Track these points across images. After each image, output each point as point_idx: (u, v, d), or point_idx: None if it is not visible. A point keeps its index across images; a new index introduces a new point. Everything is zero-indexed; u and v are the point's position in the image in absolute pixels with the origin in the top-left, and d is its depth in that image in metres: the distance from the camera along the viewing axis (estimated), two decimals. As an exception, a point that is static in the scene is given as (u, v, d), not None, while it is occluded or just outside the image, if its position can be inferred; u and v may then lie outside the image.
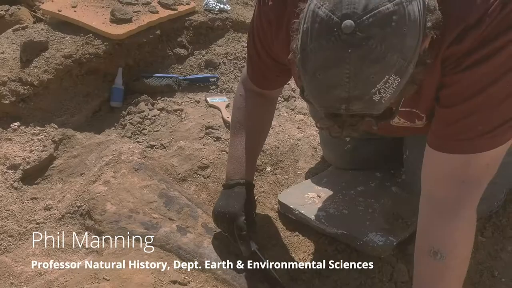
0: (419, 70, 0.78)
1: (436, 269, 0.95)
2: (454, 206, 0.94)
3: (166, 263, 1.25)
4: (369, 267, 1.26)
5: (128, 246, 1.28)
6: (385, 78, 0.73)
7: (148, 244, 1.29)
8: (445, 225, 0.95)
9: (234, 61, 1.96)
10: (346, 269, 1.27)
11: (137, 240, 1.30)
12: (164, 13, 1.93)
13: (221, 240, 1.31)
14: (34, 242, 1.30)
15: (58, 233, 1.35)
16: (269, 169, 1.60)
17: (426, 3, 0.76)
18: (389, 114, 0.85)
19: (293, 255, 1.33)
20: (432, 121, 0.97)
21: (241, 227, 1.21)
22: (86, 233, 1.35)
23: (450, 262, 0.94)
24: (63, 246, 1.31)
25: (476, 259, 1.25)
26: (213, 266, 1.25)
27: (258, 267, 1.23)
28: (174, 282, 1.20)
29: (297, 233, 1.39)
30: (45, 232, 1.34)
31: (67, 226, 1.37)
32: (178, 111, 1.73)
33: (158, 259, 1.26)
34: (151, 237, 1.30)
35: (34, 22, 1.97)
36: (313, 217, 1.36)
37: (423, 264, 0.98)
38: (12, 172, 1.49)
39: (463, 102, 0.88)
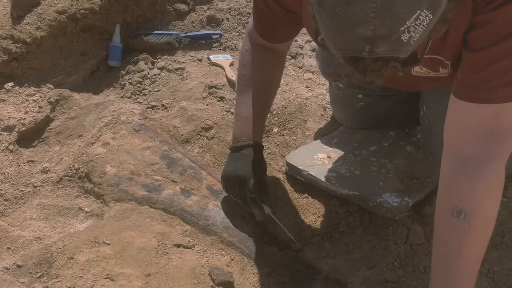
0: (452, 7, 0.69)
1: (459, 230, 0.88)
2: (481, 162, 0.86)
3: (169, 226, 1.19)
4: (383, 229, 1.19)
5: (130, 209, 1.21)
6: (416, 14, 0.63)
7: (150, 207, 1.22)
8: (471, 182, 0.87)
9: (238, 17, 1.84)
10: (358, 231, 1.21)
11: (138, 203, 1.23)
12: (163, -35, 1.80)
13: (227, 202, 1.24)
14: (32, 206, 1.24)
15: (56, 196, 1.28)
16: (276, 130, 1.51)
17: None
18: (415, 59, 0.75)
19: (302, 218, 1.26)
20: (458, 68, 0.87)
21: (253, 191, 1.14)
22: (85, 196, 1.28)
23: (475, 222, 0.87)
24: (61, 210, 1.24)
25: (498, 220, 1.17)
26: (219, 229, 1.18)
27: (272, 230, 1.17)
28: (178, 245, 1.14)
29: (306, 195, 1.32)
30: (43, 195, 1.27)
31: (66, 190, 1.30)
32: (180, 70, 1.63)
33: (161, 222, 1.19)
34: (154, 199, 1.23)
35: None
36: (323, 178, 1.28)
37: (445, 225, 0.91)
38: (7, 134, 1.41)
39: (495, 44, 0.79)
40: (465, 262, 0.89)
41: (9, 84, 1.53)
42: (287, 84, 1.64)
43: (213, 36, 1.78)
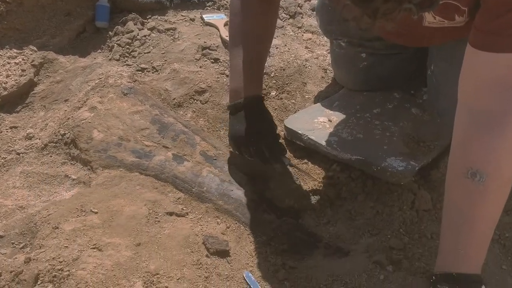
0: None
1: (473, 193, 0.80)
2: (499, 118, 0.78)
3: (161, 193, 1.11)
4: (387, 195, 1.12)
5: (118, 176, 1.14)
6: None
7: (140, 174, 1.14)
8: (487, 141, 0.79)
9: (233, -26, 1.72)
10: (361, 197, 1.14)
11: (128, 169, 1.15)
12: None
13: (221, 168, 1.17)
14: (15, 173, 1.16)
15: (40, 164, 1.20)
16: (274, 94, 1.42)
17: None
18: (430, 2, 0.66)
19: (301, 184, 1.18)
20: (476, 15, 0.78)
21: (272, 147, 1.08)
22: (72, 163, 1.20)
23: (491, 184, 0.79)
24: (46, 178, 1.17)
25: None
26: (214, 196, 1.11)
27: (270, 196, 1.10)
28: (171, 213, 1.07)
29: (305, 160, 1.24)
30: (27, 163, 1.19)
31: (51, 156, 1.22)
32: (171, 31, 1.53)
33: (152, 190, 1.12)
34: (144, 166, 1.15)
35: None
36: (324, 143, 1.21)
37: (458, 188, 0.83)
38: (-13, 99, 1.32)
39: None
40: (479, 227, 0.82)
41: (-11, 46, 1.44)
42: (285, 45, 1.54)
43: (206, -5, 1.67)
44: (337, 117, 1.29)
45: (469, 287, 0.83)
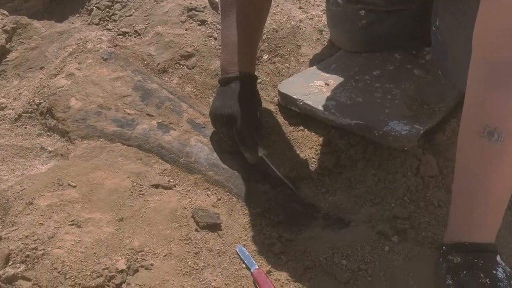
0: None
1: (490, 153, 0.72)
2: (519, 70, 0.68)
3: (145, 165, 1.02)
4: (390, 161, 1.04)
5: (99, 147, 1.04)
6: None
7: (123, 144, 1.05)
8: (506, 95, 0.70)
9: None
10: (361, 164, 1.05)
11: (109, 139, 1.05)
12: None
13: (212, 136, 1.07)
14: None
15: (14, 135, 1.10)
16: (266, 57, 1.32)
17: None
18: None
19: (298, 152, 1.10)
20: None
21: (241, 132, 0.99)
22: (48, 134, 1.10)
23: (510, 144, 0.70)
24: (21, 151, 1.07)
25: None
26: (203, 167, 1.02)
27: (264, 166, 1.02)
28: (157, 186, 0.98)
29: (301, 127, 1.15)
30: (-1, 135, 1.09)
31: (25, 128, 1.12)
32: (154, -8, 1.40)
33: (136, 161, 1.02)
34: (126, 136, 1.05)
35: None
36: (320, 108, 1.11)
37: (472, 149, 0.75)
38: (-45, 68, 1.21)
39: None
40: (495, 191, 0.74)
41: (-45, 10, 1.31)
42: (277, 5, 1.42)
43: (191, -47, 1.54)
44: (335, 80, 1.20)
45: (484, 257, 0.75)
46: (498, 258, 0.76)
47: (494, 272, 0.74)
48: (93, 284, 0.77)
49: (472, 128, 0.74)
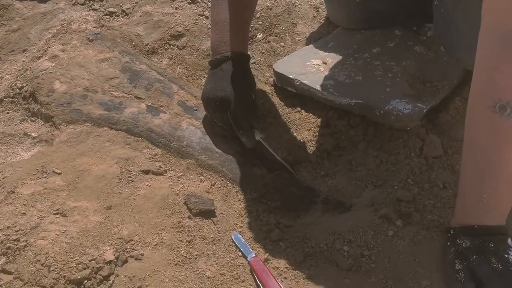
0: None
1: (503, 129, 0.67)
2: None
3: (134, 150, 0.96)
4: (392, 142, 0.98)
5: (85, 132, 0.98)
6: None
7: (110, 129, 0.99)
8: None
9: None
10: (362, 146, 1.00)
11: (96, 124, 1.00)
12: None
13: (204, 119, 1.02)
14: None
15: (-5, 121, 1.04)
16: (260, 36, 1.25)
17: None
18: None
19: (295, 135, 1.04)
20: None
21: (236, 115, 0.93)
22: (32, 119, 1.04)
23: (524, 118, 0.65)
24: (3, 137, 1.01)
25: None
26: (196, 151, 0.97)
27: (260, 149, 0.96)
28: (147, 172, 0.92)
29: (298, 108, 1.09)
30: (-21, 121, 1.03)
31: (8, 113, 1.06)
32: (142, -31, 1.33)
33: (124, 146, 0.97)
34: (114, 119, 0.99)
35: None
36: (318, 87, 1.06)
37: (483, 124, 0.69)
38: None
39: None
40: (507, 170, 0.69)
41: None
42: (271, -18, 1.35)
43: None
44: (333, 58, 1.14)
45: (494, 240, 0.70)
46: (509, 241, 0.71)
47: (506, 256, 0.69)
48: (79, 277, 0.72)
49: (482, 103, 0.69)
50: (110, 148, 0.96)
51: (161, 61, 1.17)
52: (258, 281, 0.74)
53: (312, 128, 1.06)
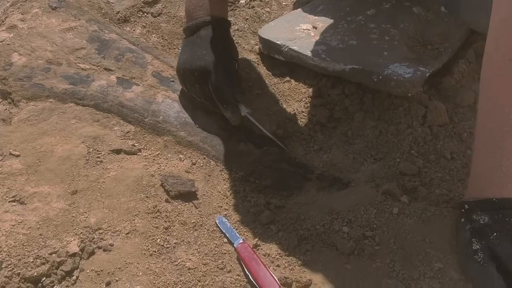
0: None
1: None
2: None
3: (104, 127, 0.85)
4: (391, 111, 0.88)
5: (48, 109, 0.86)
6: None
7: (76, 105, 0.87)
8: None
9: None
10: (359, 116, 0.89)
11: (60, 99, 0.87)
12: None
13: (182, 91, 0.90)
14: None
15: None
16: (243, 1, 1.13)
17: None
18: None
19: (284, 106, 0.93)
20: None
21: (219, 87, 0.81)
22: (-13, 97, 0.92)
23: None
24: (-46, 118, 0.88)
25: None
26: (174, 127, 0.85)
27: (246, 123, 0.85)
28: (118, 151, 0.81)
29: (287, 78, 0.98)
30: None
31: (-40, 91, 0.93)
32: None
33: (93, 124, 0.85)
34: (81, 94, 0.87)
35: None
36: (309, 53, 0.95)
37: (503, 79, 0.59)
38: None
39: None
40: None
41: None
42: None
43: None
44: (324, 22, 1.02)
45: (517, 214, 0.60)
46: (533, 215, 0.61)
47: (531, 232, 0.59)
48: (35, 274, 0.61)
49: (502, 55, 0.58)
50: (76, 126, 0.84)
51: (134, 30, 1.04)
52: (246, 271, 0.64)
53: (303, 99, 0.94)
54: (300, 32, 1.01)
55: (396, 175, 0.77)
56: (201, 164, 0.81)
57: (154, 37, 1.04)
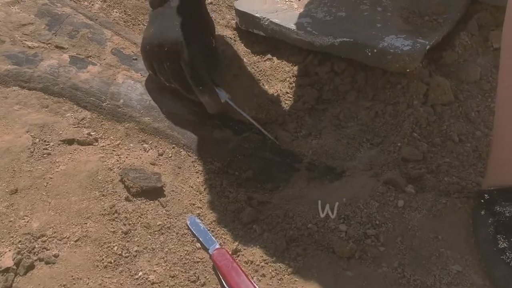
0: None
1: None
2: None
3: (54, 114, 0.70)
4: (388, 89, 0.76)
5: (-15, 94, 0.71)
6: None
7: (21, 88, 0.72)
8: None
9: None
10: (351, 96, 0.77)
11: (1, 82, 0.73)
12: None
13: (145, 71, 0.76)
14: None
15: None
16: (217, -27, 0.99)
17: None
18: None
19: (266, 88, 0.81)
20: None
21: (193, 65, 0.67)
22: None
23: None
24: None
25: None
26: (137, 112, 0.71)
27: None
28: (70, 141, 0.67)
29: (269, 55, 0.86)
30: None
31: None
32: None
33: (40, 109, 0.71)
34: (26, 76, 0.73)
35: None
36: (292, 26, 0.82)
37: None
38: None
39: None
40: None
41: None
42: None
43: None
44: (307, -7, 0.90)
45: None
46: None
47: None
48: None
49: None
50: (20, 113, 0.69)
51: (92, 5, 0.90)
52: (224, 283, 0.51)
53: (287, 79, 0.82)
54: (282, 4, 0.88)
55: (398, 162, 0.66)
56: (170, 155, 0.68)
57: (116, 12, 0.89)
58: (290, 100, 0.79)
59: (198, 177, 0.65)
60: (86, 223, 0.56)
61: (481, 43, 0.82)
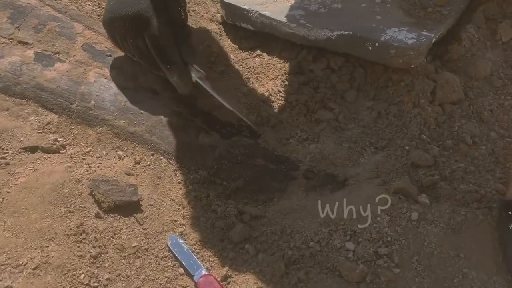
0: None
1: None
2: None
3: (15, 118, 0.61)
4: (390, 87, 0.69)
5: None
6: None
7: (-23, 89, 0.63)
8: None
9: None
10: (350, 96, 0.69)
11: (-47, 83, 0.63)
12: None
13: (120, 69, 0.67)
14: None
15: None
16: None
17: None
18: None
19: (256, 86, 0.72)
20: None
21: (160, 39, 0.58)
22: None
23: None
24: None
25: None
26: (110, 114, 0.62)
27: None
28: (33, 149, 0.58)
29: (258, 51, 0.78)
30: None
31: None
32: None
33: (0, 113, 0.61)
34: (-18, 75, 0.63)
35: None
36: (284, 19, 0.75)
37: None
38: None
39: None
40: None
41: None
42: None
43: None
44: (299, -16, 0.82)
45: None
46: None
47: None
48: None
49: None
50: (-26, 118, 0.60)
51: (62, -3, 0.80)
52: (213, 317, 0.42)
53: (279, 76, 0.74)
54: (272, -4, 0.80)
55: (407, 168, 0.58)
56: (148, 163, 0.59)
57: (89, 4, 0.80)
58: (282, 100, 0.71)
59: (180, 189, 0.56)
60: (47, 246, 0.47)
61: (489, 36, 0.75)
